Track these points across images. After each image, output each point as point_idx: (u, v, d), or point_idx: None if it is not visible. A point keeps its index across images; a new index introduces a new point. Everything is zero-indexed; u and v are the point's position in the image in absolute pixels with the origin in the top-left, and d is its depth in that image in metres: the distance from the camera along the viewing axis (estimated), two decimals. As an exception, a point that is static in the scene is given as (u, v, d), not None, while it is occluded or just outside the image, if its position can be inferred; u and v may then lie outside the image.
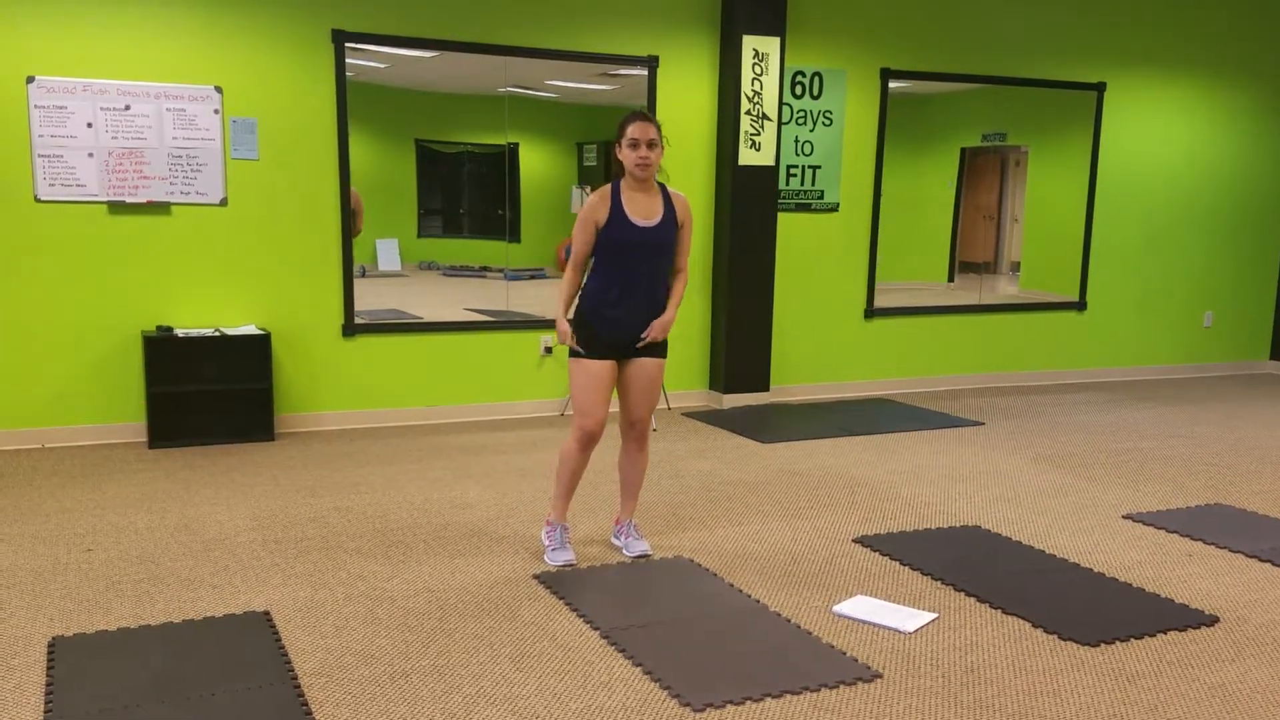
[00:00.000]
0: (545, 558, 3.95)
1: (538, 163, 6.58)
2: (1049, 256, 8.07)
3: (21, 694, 2.90)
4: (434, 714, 2.83)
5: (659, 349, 3.95)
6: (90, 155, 5.47)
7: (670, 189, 3.91)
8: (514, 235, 6.58)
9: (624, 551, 4.04)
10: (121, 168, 5.53)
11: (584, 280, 3.91)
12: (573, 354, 3.87)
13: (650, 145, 3.74)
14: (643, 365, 3.92)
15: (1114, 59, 7.83)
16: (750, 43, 6.54)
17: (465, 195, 6.61)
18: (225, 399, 5.76)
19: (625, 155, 3.76)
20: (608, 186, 3.84)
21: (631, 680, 3.03)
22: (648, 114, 3.79)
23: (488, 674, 3.06)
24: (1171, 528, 4.52)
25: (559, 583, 3.75)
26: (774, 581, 3.82)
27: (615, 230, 3.78)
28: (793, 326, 7.21)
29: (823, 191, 7.14)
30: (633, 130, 3.74)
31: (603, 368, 3.84)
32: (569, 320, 3.85)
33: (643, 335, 3.86)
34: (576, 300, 3.87)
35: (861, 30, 7.06)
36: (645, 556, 4.00)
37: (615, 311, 3.82)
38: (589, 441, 3.88)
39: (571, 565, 3.91)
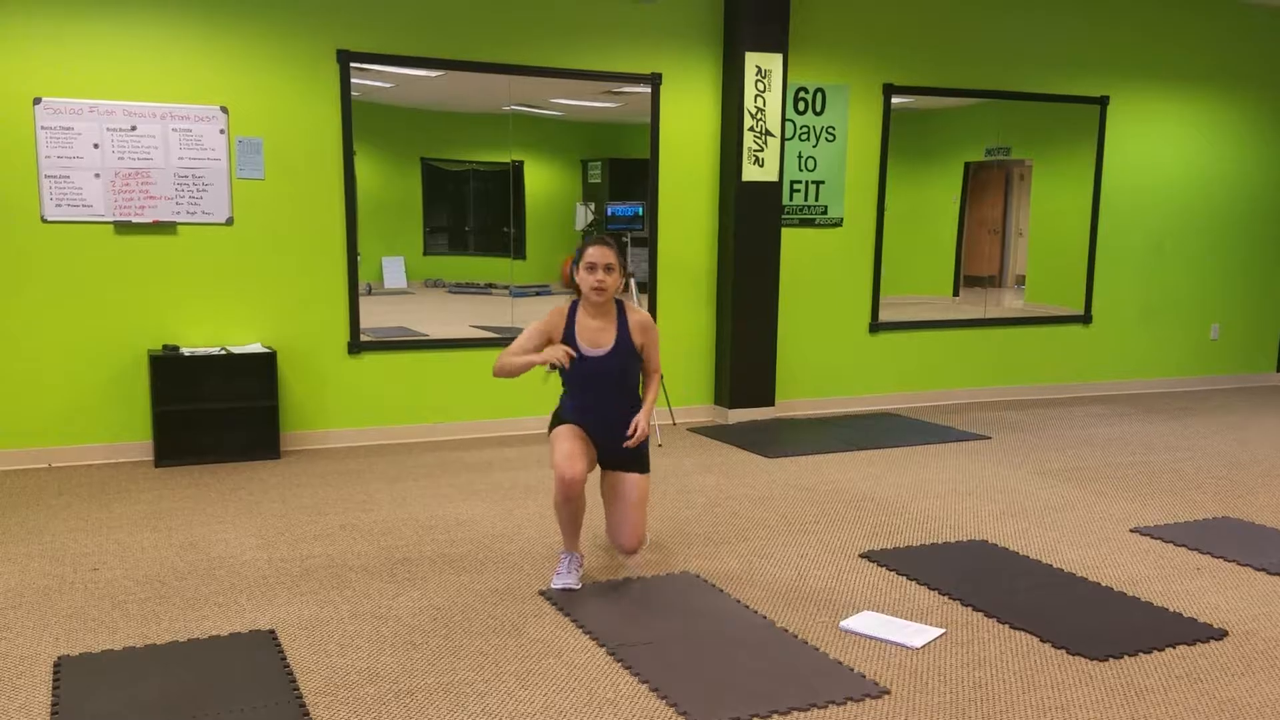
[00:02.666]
0: (551, 583, 3.91)
1: (542, 180, 6.60)
2: (1054, 270, 8.07)
3: (27, 714, 2.90)
4: (440, 732, 2.83)
5: (641, 463, 3.96)
6: (97, 176, 5.50)
7: (629, 307, 3.94)
8: (519, 252, 6.60)
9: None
10: (128, 188, 5.56)
11: (560, 396, 4.02)
12: (550, 430, 3.97)
13: (607, 270, 3.79)
14: (621, 482, 3.94)
15: (1117, 72, 7.84)
16: (753, 59, 6.56)
17: (470, 213, 6.64)
18: (231, 417, 5.78)
19: (582, 278, 3.83)
20: (566, 306, 3.91)
21: (638, 697, 3.02)
22: (608, 240, 3.84)
23: (493, 691, 3.05)
24: (1179, 541, 4.50)
25: (565, 600, 3.74)
26: (780, 597, 3.81)
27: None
28: (797, 341, 7.20)
29: (826, 207, 7.15)
30: (591, 254, 3.79)
31: (577, 428, 3.89)
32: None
33: (625, 441, 3.86)
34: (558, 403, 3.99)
35: (864, 46, 7.08)
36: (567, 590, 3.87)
37: (586, 422, 3.90)
38: (570, 492, 3.77)
39: (571, 590, 3.84)
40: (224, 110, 5.68)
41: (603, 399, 3.90)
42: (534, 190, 6.57)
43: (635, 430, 3.86)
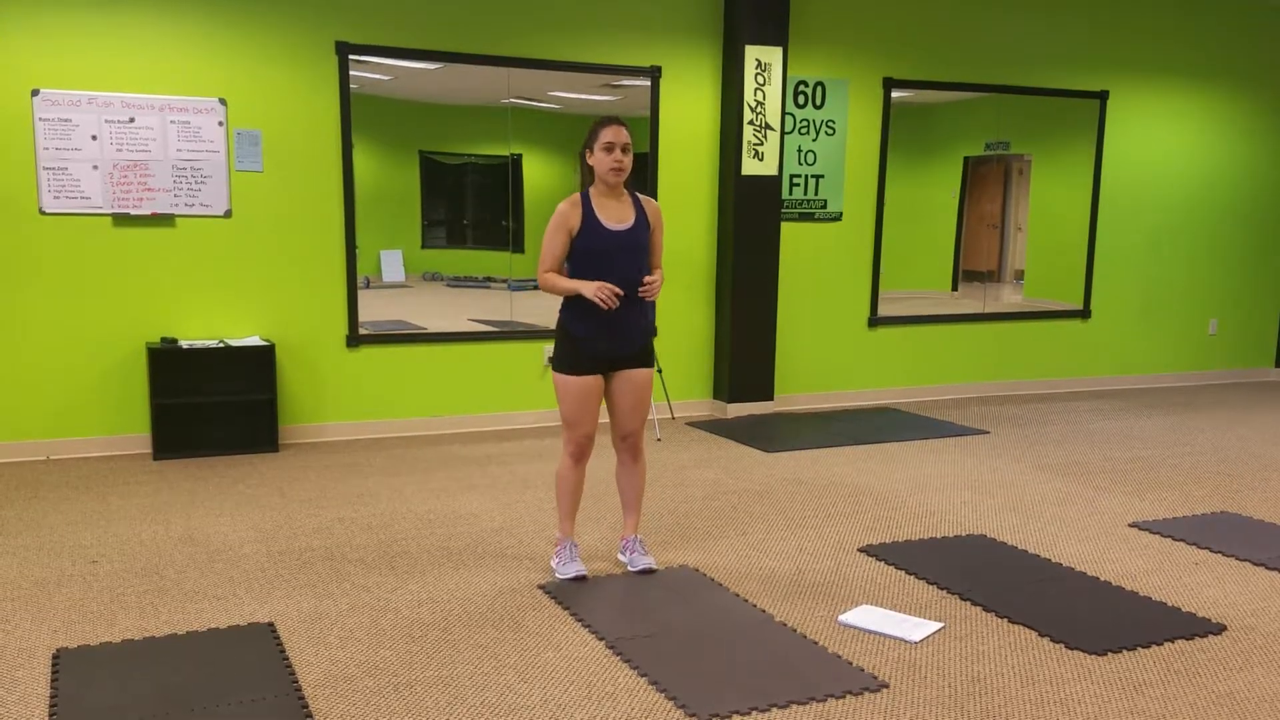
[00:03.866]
0: (555, 574, 3.92)
1: (541, 173, 6.59)
2: (1053, 265, 8.06)
3: (26, 706, 2.89)
4: (439, 725, 2.83)
5: (646, 358, 3.91)
6: (95, 168, 5.49)
7: (640, 195, 3.91)
8: (517, 246, 6.59)
9: (629, 567, 4.02)
10: (126, 180, 5.54)
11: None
12: (556, 369, 3.83)
13: (625, 149, 3.73)
14: (629, 378, 3.87)
15: (1117, 67, 7.83)
16: (753, 53, 6.55)
17: (469, 206, 6.62)
18: (230, 410, 5.77)
19: (599, 160, 3.73)
20: (577, 195, 3.81)
21: (637, 691, 3.02)
22: (621, 119, 3.77)
23: (492, 685, 3.05)
24: (1178, 536, 4.50)
25: (564, 593, 3.74)
26: (779, 591, 3.81)
27: (589, 238, 3.74)
28: (796, 336, 7.20)
29: (826, 201, 7.15)
30: (607, 134, 3.71)
31: (588, 381, 3.81)
32: (558, 334, 3.83)
33: (641, 289, 3.76)
34: (559, 313, 3.84)
35: (864, 40, 7.07)
36: (650, 571, 3.99)
37: (596, 318, 3.75)
38: (581, 454, 3.85)
39: (583, 578, 3.88)
40: (222, 102, 5.67)
41: (618, 281, 3.74)
42: (532, 184, 6.56)
43: (648, 286, 3.77)
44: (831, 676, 3.11)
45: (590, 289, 3.65)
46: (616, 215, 3.79)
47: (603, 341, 3.79)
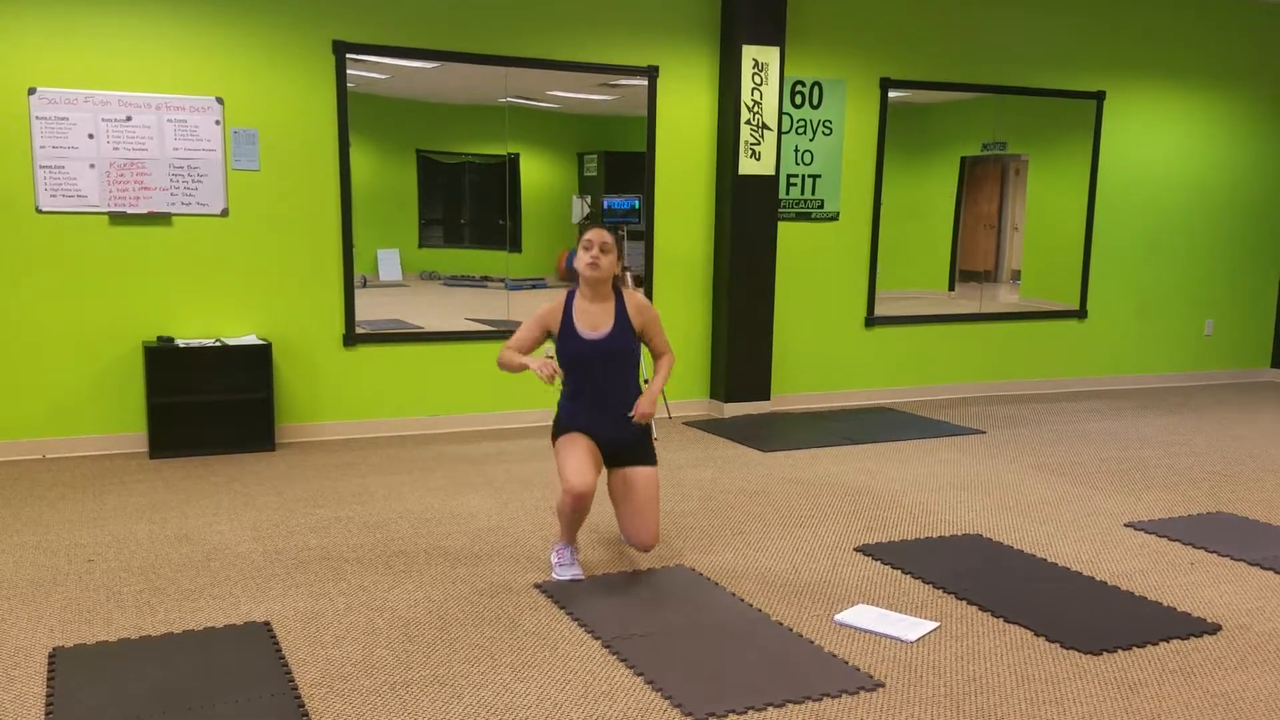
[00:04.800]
0: (553, 574, 3.92)
1: (538, 173, 6.59)
2: (1049, 265, 8.07)
3: (22, 705, 2.89)
4: (435, 724, 2.83)
5: (647, 455, 3.94)
6: (91, 166, 5.49)
7: (626, 291, 3.96)
8: (515, 245, 6.59)
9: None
10: (123, 179, 5.54)
11: (560, 393, 3.98)
12: (554, 440, 3.94)
13: (603, 249, 3.81)
14: (631, 477, 3.90)
15: (1113, 68, 7.84)
16: (750, 52, 6.55)
17: (466, 205, 6.63)
18: (226, 409, 5.77)
19: (579, 258, 3.86)
20: (564, 294, 3.92)
21: (633, 690, 3.02)
22: (605, 225, 3.90)
23: (488, 684, 3.05)
24: (1173, 536, 4.51)
25: (560, 592, 3.74)
26: (775, 590, 3.81)
27: (566, 343, 3.87)
28: (793, 335, 7.21)
29: (823, 200, 7.15)
30: (589, 234, 3.84)
31: (584, 437, 3.86)
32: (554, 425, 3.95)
33: (629, 413, 3.85)
34: (555, 409, 3.96)
35: (861, 40, 7.07)
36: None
37: (589, 417, 3.87)
38: (580, 505, 3.77)
39: (579, 580, 3.87)
40: (219, 101, 5.67)
41: (604, 386, 3.87)
42: (530, 183, 6.56)
43: (637, 409, 3.84)
44: (827, 676, 3.12)
45: (534, 364, 3.77)
46: (593, 322, 3.88)
47: (585, 417, 3.86)
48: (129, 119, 5.52)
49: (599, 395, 3.89)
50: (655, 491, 3.93)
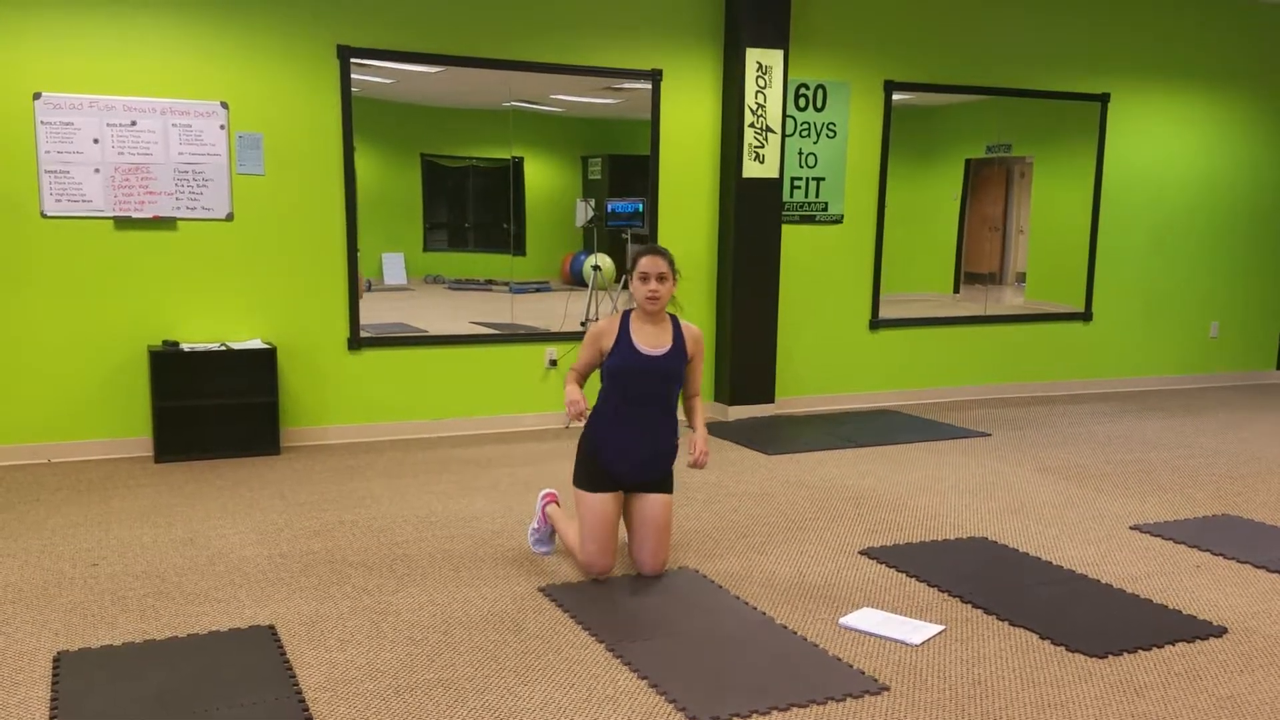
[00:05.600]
0: (529, 539, 4.16)
1: (542, 176, 6.60)
2: (1054, 267, 8.06)
3: (26, 709, 2.90)
4: (439, 728, 2.83)
5: (666, 484, 3.95)
6: (96, 171, 5.50)
7: (683, 321, 3.96)
8: (519, 249, 6.59)
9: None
10: (128, 183, 5.55)
11: (592, 408, 3.92)
12: (575, 484, 3.92)
13: (660, 279, 3.79)
14: (648, 504, 3.90)
15: (1118, 70, 7.83)
16: (754, 55, 6.55)
17: (470, 209, 6.64)
18: (231, 413, 5.78)
19: (635, 288, 3.83)
20: (619, 314, 3.91)
21: (637, 694, 3.02)
22: (660, 248, 3.83)
23: (493, 688, 3.05)
24: (1179, 539, 4.50)
25: (564, 596, 3.74)
26: (780, 594, 3.81)
27: (621, 357, 3.82)
28: (798, 338, 7.20)
29: (827, 203, 7.15)
30: (644, 264, 3.80)
31: (607, 502, 3.86)
32: (579, 452, 3.92)
33: (691, 461, 3.91)
34: (583, 427, 3.93)
35: (865, 42, 7.07)
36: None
37: (624, 442, 3.83)
38: (596, 576, 3.90)
39: (547, 555, 4.10)
40: (224, 106, 5.68)
41: (649, 406, 3.86)
42: (534, 186, 6.57)
43: (699, 457, 3.92)
44: (832, 679, 3.11)
45: (569, 397, 3.78)
46: (652, 340, 3.86)
47: (617, 445, 3.84)
48: (134, 124, 5.53)
49: (643, 414, 3.86)
50: (669, 520, 3.95)
